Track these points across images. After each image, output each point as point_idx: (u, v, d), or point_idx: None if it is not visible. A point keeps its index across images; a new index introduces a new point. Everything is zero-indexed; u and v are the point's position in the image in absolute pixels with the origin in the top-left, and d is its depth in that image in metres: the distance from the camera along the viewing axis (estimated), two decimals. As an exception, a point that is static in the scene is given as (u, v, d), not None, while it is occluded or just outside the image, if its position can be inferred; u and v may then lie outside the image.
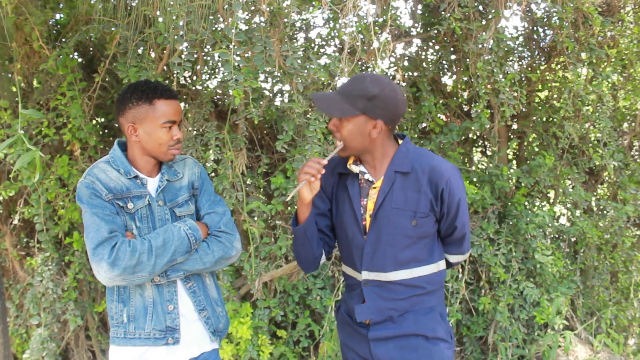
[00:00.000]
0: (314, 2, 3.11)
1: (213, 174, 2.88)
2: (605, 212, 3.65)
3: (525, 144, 3.75)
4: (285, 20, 2.55)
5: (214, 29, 2.62)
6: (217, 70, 3.27)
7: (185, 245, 1.56)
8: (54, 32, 2.89)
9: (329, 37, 3.41)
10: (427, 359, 1.58)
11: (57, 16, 2.94)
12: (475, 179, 3.30)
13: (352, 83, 1.55)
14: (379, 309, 1.61)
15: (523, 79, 3.49)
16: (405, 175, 1.58)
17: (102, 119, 3.15)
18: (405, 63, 3.47)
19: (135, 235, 1.57)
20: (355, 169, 1.63)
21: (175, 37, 2.35)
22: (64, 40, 2.80)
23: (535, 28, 3.46)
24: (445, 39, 3.28)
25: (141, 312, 1.58)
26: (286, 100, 3.14)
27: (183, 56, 2.34)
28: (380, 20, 3.09)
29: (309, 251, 1.67)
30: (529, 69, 3.54)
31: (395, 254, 1.58)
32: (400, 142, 1.65)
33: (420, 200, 1.56)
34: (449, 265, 1.74)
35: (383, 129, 1.55)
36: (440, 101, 3.40)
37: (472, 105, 3.18)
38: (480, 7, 3.03)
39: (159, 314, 1.58)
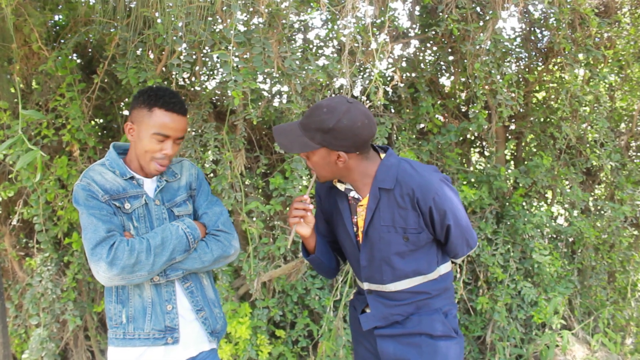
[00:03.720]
0: (312, 4, 3.12)
1: (212, 175, 2.89)
2: (602, 212, 3.66)
3: (523, 144, 3.76)
4: (284, 21, 2.57)
5: (212, 30, 2.63)
6: (215, 71, 3.28)
7: (183, 244, 1.57)
8: (53, 33, 2.90)
9: (327, 38, 3.42)
10: (431, 355, 1.58)
11: (57, 17, 2.95)
12: (473, 180, 3.31)
13: (309, 114, 1.48)
14: (384, 315, 1.63)
15: (520, 79, 3.51)
16: (390, 192, 1.53)
17: (101, 120, 3.16)
18: (404, 64, 3.48)
19: (134, 235, 1.57)
20: (341, 186, 1.61)
21: (174, 38, 2.36)
22: (63, 41, 2.80)
23: (532, 29, 3.47)
24: (443, 40, 3.29)
25: (140, 313, 1.58)
26: (284, 101, 3.15)
27: (182, 57, 2.35)
28: (379, 21, 3.10)
29: (325, 269, 1.76)
30: (527, 69, 3.56)
31: (392, 269, 1.58)
32: (382, 155, 1.59)
33: (409, 217, 1.52)
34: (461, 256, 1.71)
35: (350, 157, 1.50)
36: (438, 102, 3.41)
37: (470, 106, 3.19)
38: (478, 9, 3.04)
39: (158, 314, 1.59)
